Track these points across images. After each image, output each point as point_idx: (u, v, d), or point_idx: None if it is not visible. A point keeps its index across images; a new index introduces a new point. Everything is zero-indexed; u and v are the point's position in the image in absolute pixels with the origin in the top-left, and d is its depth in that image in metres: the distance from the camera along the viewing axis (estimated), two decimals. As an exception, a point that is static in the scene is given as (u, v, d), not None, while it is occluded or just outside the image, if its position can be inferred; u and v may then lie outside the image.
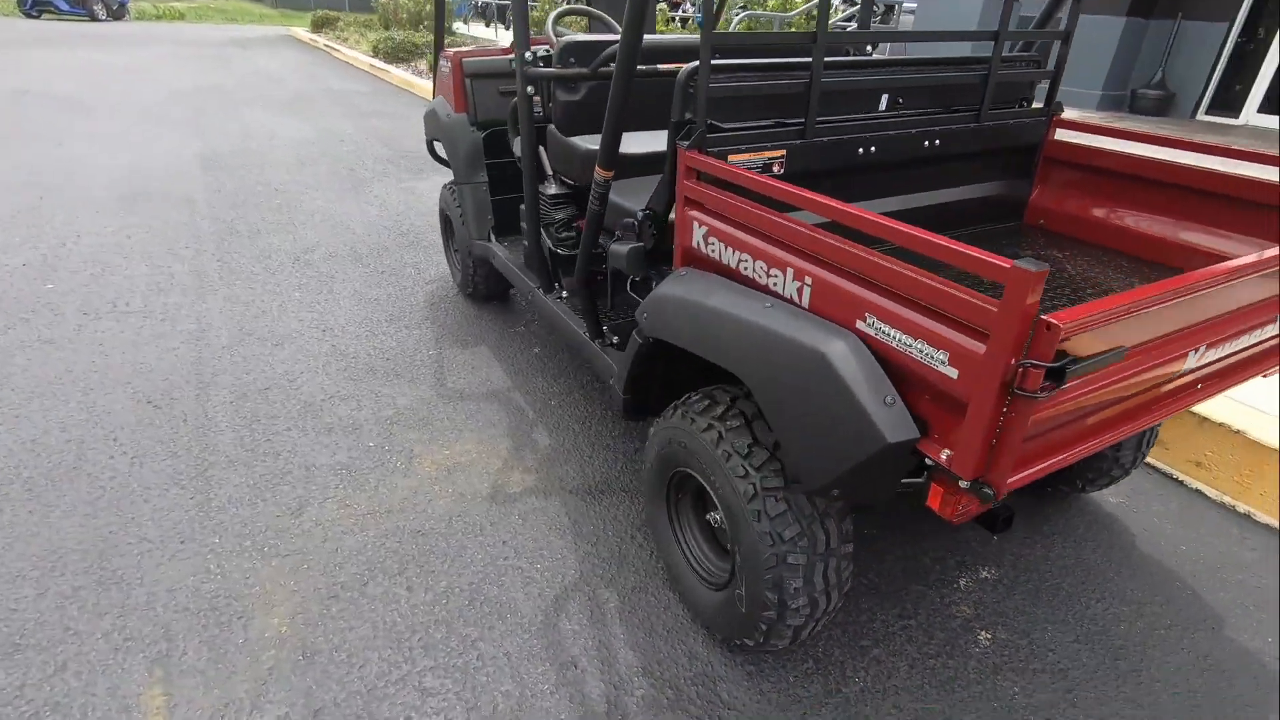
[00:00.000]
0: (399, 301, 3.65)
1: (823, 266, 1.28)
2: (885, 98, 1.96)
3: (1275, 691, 1.76)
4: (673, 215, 1.76)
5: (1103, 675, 1.79)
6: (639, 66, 1.83)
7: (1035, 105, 2.29)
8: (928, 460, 1.18)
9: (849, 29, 4.92)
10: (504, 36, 14.88)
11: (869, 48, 4.18)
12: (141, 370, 2.95)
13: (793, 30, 7.07)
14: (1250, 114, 7.51)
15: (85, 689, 1.66)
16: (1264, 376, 1.53)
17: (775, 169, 1.69)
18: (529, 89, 2.23)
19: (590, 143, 2.30)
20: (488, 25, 17.46)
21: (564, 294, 2.62)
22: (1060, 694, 1.74)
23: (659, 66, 2.22)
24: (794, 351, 1.26)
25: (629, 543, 2.15)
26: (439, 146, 3.44)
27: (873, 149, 1.85)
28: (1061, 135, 2.23)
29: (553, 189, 2.58)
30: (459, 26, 17.11)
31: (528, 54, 2.20)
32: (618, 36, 1.74)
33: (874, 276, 1.17)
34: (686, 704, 1.68)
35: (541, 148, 2.52)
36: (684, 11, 11.75)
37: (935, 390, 1.13)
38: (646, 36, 1.89)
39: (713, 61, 1.51)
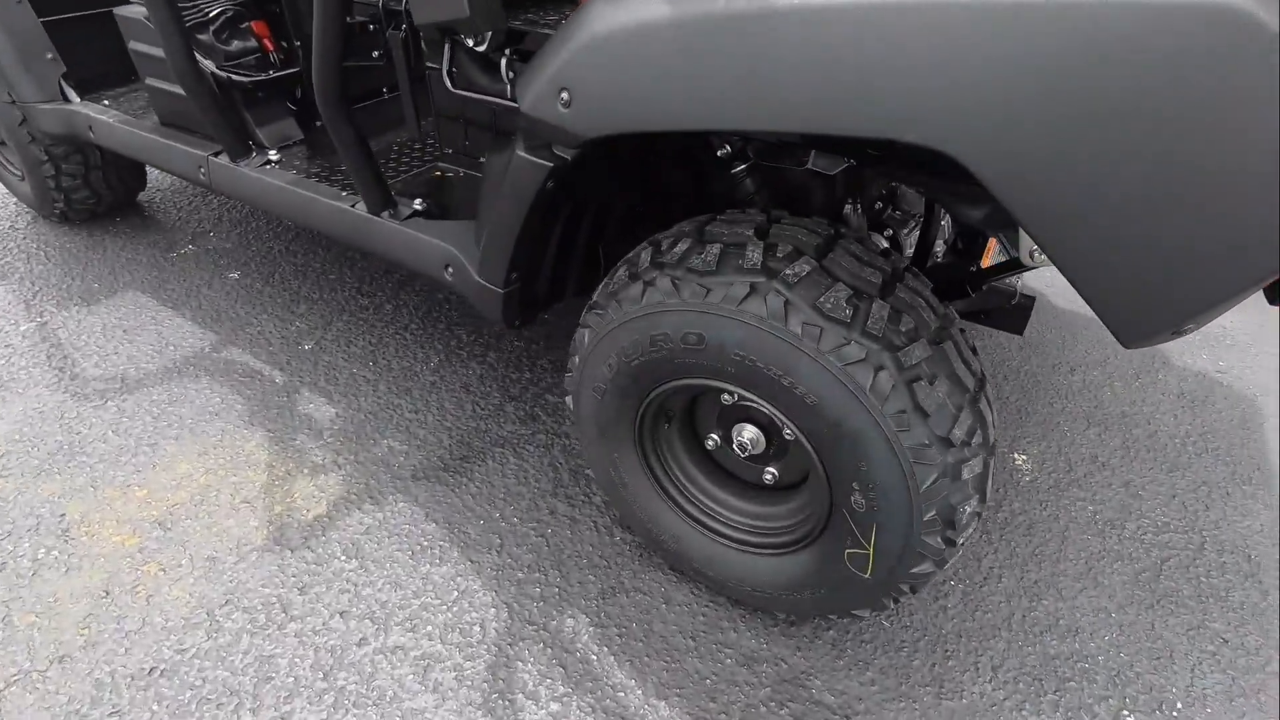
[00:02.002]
0: (-88, 257, 1.99)
1: None
2: None
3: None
4: None
5: (1137, 454, 1.55)
6: None
7: None
8: None
9: None
10: None
11: None
12: None
13: None
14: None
15: None
16: None
17: None
18: None
19: None
20: None
21: (273, 155, 1.47)
22: (1119, 492, 1.46)
23: None
24: (1129, 32, 0.53)
25: (554, 521, 1.32)
26: None
27: None
28: None
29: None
30: None
31: None
32: None
33: None
34: (787, 743, 1.03)
35: None
36: None
37: None
38: None
39: None
